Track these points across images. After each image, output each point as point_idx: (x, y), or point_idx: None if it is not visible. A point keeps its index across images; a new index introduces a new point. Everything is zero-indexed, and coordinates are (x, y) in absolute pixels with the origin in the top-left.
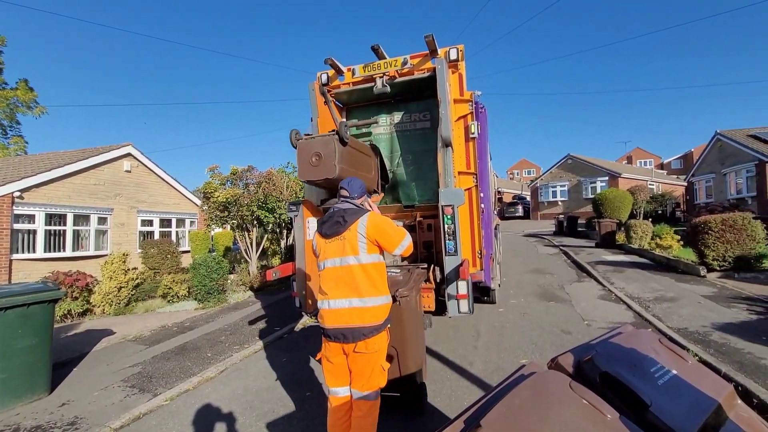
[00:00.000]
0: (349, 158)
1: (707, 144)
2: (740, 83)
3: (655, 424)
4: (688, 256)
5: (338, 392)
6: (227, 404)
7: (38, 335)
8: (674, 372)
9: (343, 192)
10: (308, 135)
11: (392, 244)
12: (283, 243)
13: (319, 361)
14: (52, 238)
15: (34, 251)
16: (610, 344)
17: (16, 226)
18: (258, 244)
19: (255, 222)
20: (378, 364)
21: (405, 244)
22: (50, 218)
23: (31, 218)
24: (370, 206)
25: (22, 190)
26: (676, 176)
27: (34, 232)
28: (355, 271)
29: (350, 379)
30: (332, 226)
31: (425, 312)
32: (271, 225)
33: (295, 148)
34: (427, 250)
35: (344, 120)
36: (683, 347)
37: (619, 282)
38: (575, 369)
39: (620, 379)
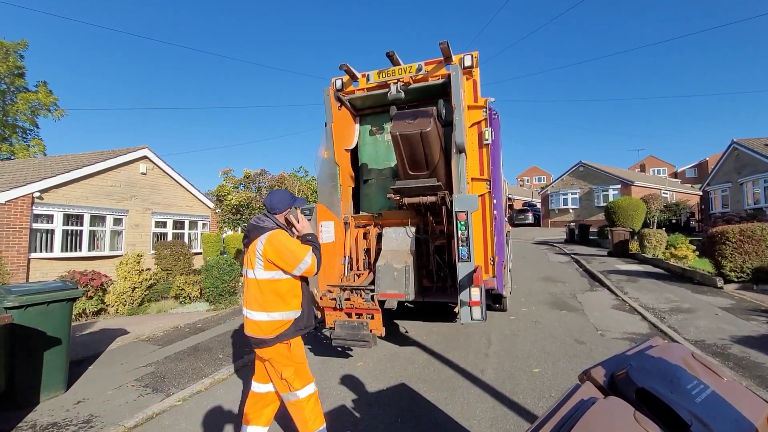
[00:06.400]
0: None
1: (723, 153)
2: (756, 92)
3: None
4: (704, 266)
5: (254, 386)
6: (239, 406)
7: (57, 333)
8: (711, 389)
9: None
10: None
11: (289, 265)
12: None
13: None
14: (69, 237)
15: (51, 250)
16: (644, 357)
17: (35, 225)
18: None
19: None
20: (281, 371)
21: (303, 266)
22: (68, 218)
23: (49, 218)
24: (296, 219)
25: (42, 191)
26: (690, 185)
27: (52, 231)
28: (252, 284)
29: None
30: (244, 239)
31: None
32: None
33: None
34: (439, 255)
35: None
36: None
37: (633, 292)
38: (608, 383)
39: (658, 396)
